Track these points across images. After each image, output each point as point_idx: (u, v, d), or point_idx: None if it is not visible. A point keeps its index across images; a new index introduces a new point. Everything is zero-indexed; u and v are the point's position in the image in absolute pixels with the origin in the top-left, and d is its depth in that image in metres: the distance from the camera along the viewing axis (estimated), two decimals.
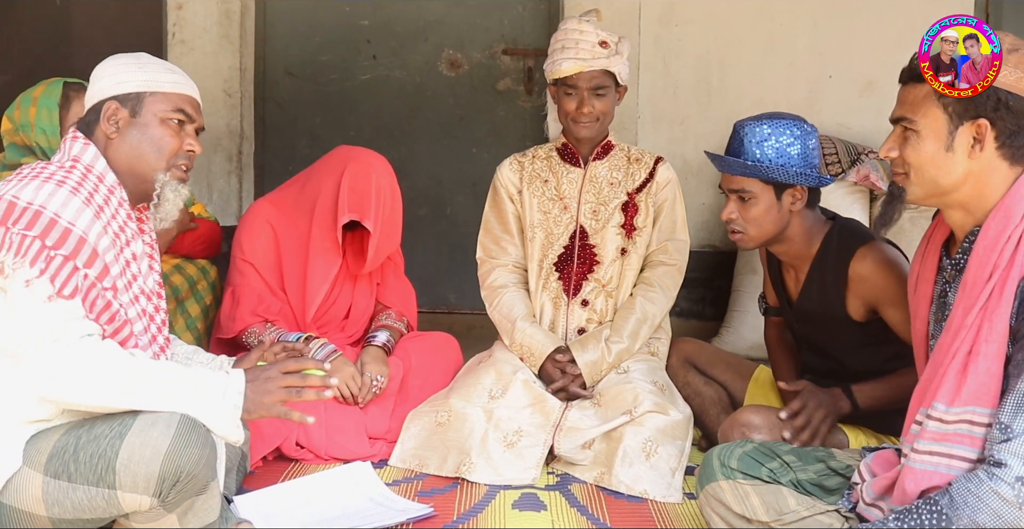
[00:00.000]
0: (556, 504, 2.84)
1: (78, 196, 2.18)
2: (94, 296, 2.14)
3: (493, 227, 3.50)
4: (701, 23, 4.68)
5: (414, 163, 4.92)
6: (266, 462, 3.07)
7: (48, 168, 2.23)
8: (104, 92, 2.35)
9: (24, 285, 2.07)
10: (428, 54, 4.96)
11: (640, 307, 3.33)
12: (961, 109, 1.97)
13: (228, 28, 4.74)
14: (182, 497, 2.12)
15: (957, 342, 1.93)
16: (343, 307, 3.41)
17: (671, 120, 4.71)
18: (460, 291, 4.94)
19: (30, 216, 2.10)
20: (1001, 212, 1.94)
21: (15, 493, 2.12)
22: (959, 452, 1.93)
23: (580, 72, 3.26)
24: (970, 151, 1.98)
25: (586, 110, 3.28)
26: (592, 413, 3.14)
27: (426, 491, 2.91)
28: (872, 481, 2.10)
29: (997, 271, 1.91)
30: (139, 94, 2.34)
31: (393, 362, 3.29)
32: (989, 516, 1.83)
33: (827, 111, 4.63)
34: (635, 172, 3.43)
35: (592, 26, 3.29)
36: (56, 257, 2.09)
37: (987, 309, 1.91)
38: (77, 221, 2.14)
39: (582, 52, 3.26)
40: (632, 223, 3.39)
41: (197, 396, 2.13)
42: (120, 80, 2.34)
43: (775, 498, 2.23)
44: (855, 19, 4.63)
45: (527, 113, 4.95)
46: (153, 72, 2.36)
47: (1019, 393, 1.84)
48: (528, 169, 3.46)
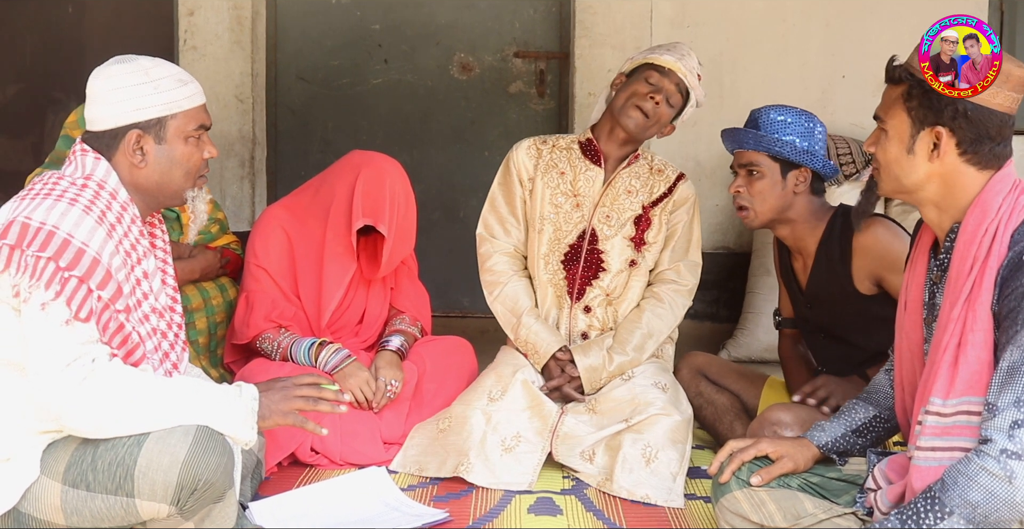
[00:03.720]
0: (572, 508, 2.83)
1: (91, 215, 2.16)
2: (107, 318, 2.14)
3: (499, 206, 3.44)
4: (713, 24, 4.67)
5: (426, 167, 4.92)
6: (281, 468, 3.07)
7: (60, 184, 2.21)
8: (122, 118, 2.28)
9: (40, 308, 2.06)
10: (440, 58, 4.96)
11: (647, 322, 3.30)
12: (922, 115, 2.02)
13: (240, 34, 4.74)
14: (200, 505, 2.12)
15: (946, 336, 1.97)
16: (357, 312, 3.41)
17: (683, 122, 4.68)
18: (473, 295, 4.91)
19: (43, 237, 2.09)
20: (978, 208, 1.99)
21: (34, 502, 2.12)
22: (961, 444, 1.95)
23: (678, 70, 3.23)
24: (930, 155, 2.03)
25: (659, 98, 3.22)
26: (587, 419, 3.13)
27: (441, 496, 2.91)
28: (887, 489, 2.09)
29: (977, 263, 1.96)
30: (161, 119, 2.30)
31: (407, 367, 3.29)
32: (980, 493, 1.84)
33: (840, 111, 4.61)
34: (655, 184, 3.39)
35: (696, 59, 3.32)
36: (71, 279, 2.08)
37: (970, 300, 1.95)
38: (90, 241, 2.13)
39: (686, 64, 3.26)
40: (643, 237, 3.35)
41: (212, 402, 2.14)
42: (139, 106, 2.27)
43: (791, 503, 2.22)
44: (868, 19, 4.62)
45: (539, 116, 4.95)
46: (169, 90, 2.30)
47: (1002, 371, 1.88)
48: (546, 157, 3.41)
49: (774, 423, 2.76)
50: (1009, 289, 1.90)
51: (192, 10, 4.75)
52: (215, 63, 4.74)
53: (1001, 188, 2.00)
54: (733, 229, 4.73)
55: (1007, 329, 1.90)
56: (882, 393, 2.36)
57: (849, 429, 2.33)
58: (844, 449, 2.32)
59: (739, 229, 4.72)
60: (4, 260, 2.07)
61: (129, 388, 2.09)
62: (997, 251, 1.94)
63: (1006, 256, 1.93)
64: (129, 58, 2.33)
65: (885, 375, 2.38)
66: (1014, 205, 1.98)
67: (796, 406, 2.85)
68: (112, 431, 2.09)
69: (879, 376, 2.41)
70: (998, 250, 1.94)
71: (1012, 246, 1.94)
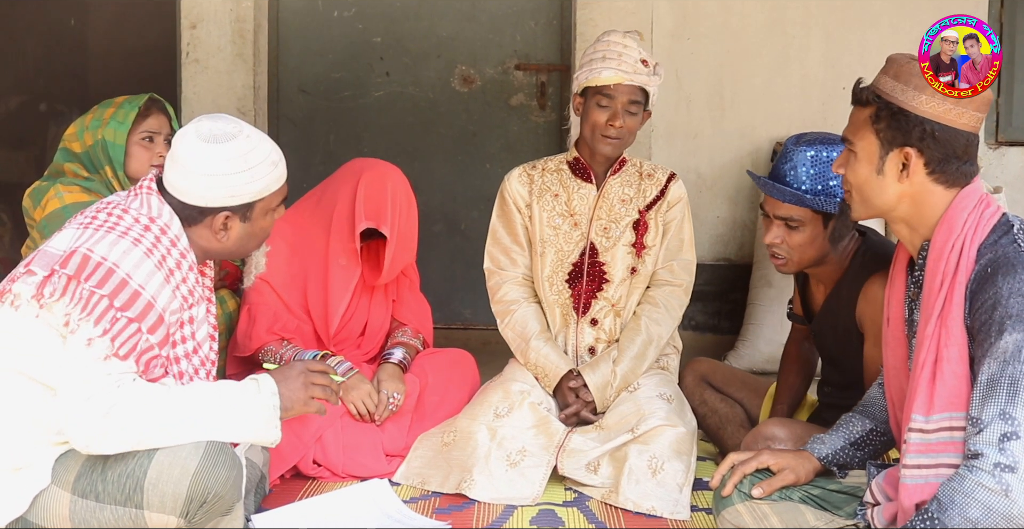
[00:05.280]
0: (574, 520, 2.83)
1: (151, 258, 2.19)
2: (148, 358, 2.16)
3: (502, 237, 3.46)
4: (714, 37, 4.68)
5: (428, 179, 4.93)
6: (283, 481, 3.07)
7: (124, 219, 2.23)
8: (214, 201, 2.28)
9: (85, 343, 2.09)
10: (441, 70, 4.97)
11: (645, 329, 3.31)
12: (890, 136, 2.05)
13: (242, 47, 4.76)
14: (208, 518, 2.14)
15: (923, 353, 2.00)
16: (359, 324, 3.41)
17: (684, 134, 4.71)
18: (475, 306, 4.94)
19: (102, 273, 2.12)
20: (945, 225, 2.02)
21: (42, 512, 2.14)
22: (946, 460, 1.96)
23: (620, 83, 3.19)
24: (899, 175, 2.05)
25: (617, 124, 3.21)
26: (595, 435, 3.13)
27: (443, 508, 2.91)
28: (884, 507, 2.10)
29: (947, 279, 1.98)
30: (251, 203, 2.32)
31: (409, 379, 3.29)
32: (979, 510, 1.85)
33: (841, 124, 4.46)
34: (647, 188, 3.39)
35: (635, 43, 3.26)
36: (121, 319, 2.11)
37: (943, 316, 1.98)
38: (147, 285, 2.16)
39: (624, 65, 3.20)
40: (642, 241, 3.36)
41: (234, 411, 2.16)
42: (234, 193, 2.28)
43: (793, 515, 2.22)
44: (868, 30, 4.63)
45: (540, 128, 4.96)
46: (263, 177, 2.30)
47: (982, 385, 1.90)
48: (538, 182, 3.42)
49: (768, 438, 2.75)
50: (979, 302, 1.93)
51: (194, 23, 4.76)
52: (217, 76, 4.75)
53: (966, 204, 2.02)
54: (734, 241, 4.73)
55: (981, 342, 1.92)
56: (878, 406, 2.37)
57: (848, 442, 2.33)
58: (844, 462, 2.33)
59: (740, 241, 4.72)
60: (61, 289, 2.11)
61: (152, 411, 2.10)
62: (965, 266, 1.97)
63: (973, 270, 1.96)
64: (225, 135, 2.28)
65: (879, 389, 2.38)
66: (979, 220, 2.01)
67: (791, 421, 2.84)
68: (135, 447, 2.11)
69: (873, 390, 2.41)
70: (965, 265, 1.97)
71: (979, 260, 1.96)
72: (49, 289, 2.11)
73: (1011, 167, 4.67)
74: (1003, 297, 1.89)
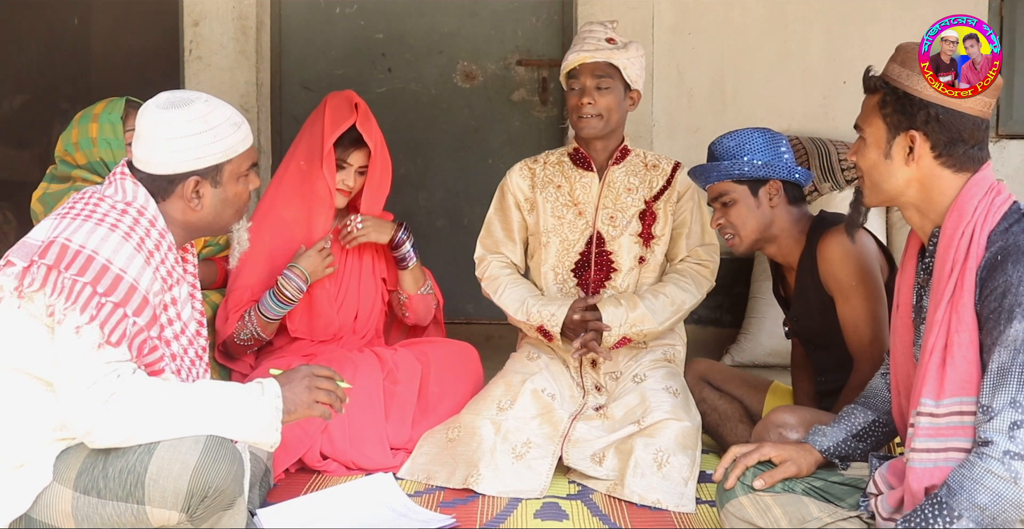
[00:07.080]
0: (578, 513, 2.85)
1: (130, 242, 2.19)
2: (140, 342, 2.16)
3: (495, 231, 3.49)
4: (715, 31, 4.69)
5: (431, 175, 4.94)
6: (289, 474, 3.08)
7: (100, 207, 2.23)
8: (181, 167, 2.28)
9: (74, 331, 2.09)
10: (443, 66, 4.98)
11: (672, 292, 3.30)
12: (896, 121, 2.09)
13: (244, 44, 4.77)
14: (210, 512, 2.14)
15: (933, 338, 2.02)
16: (350, 311, 3.45)
17: (686, 129, 4.71)
18: (478, 301, 4.90)
19: (82, 261, 2.12)
20: (955, 212, 2.05)
21: (45, 508, 2.15)
22: (955, 444, 1.99)
23: (583, 63, 3.24)
24: (906, 159, 2.08)
25: (585, 101, 3.22)
26: (599, 425, 3.14)
27: (447, 502, 2.92)
28: (888, 494, 2.11)
29: (957, 265, 2.01)
30: (218, 165, 2.31)
31: (410, 363, 3.33)
32: (988, 496, 1.88)
33: (842, 117, 4.62)
34: (653, 179, 3.40)
35: (603, 26, 3.31)
36: (107, 304, 2.11)
37: (953, 302, 2.00)
38: (128, 267, 2.16)
39: (587, 45, 3.26)
40: (650, 231, 3.37)
41: (235, 409, 2.17)
42: (199, 155, 2.28)
43: (796, 507, 2.23)
44: (869, 25, 4.63)
45: (542, 123, 4.97)
46: (226, 137, 2.31)
47: (992, 373, 1.92)
48: (540, 175, 3.44)
49: (779, 425, 2.76)
50: (988, 289, 1.95)
51: (197, 20, 4.78)
52: (220, 73, 4.76)
53: (977, 191, 2.05)
54: None
55: (991, 330, 1.94)
56: (879, 397, 2.38)
57: (849, 434, 2.34)
58: (846, 454, 2.34)
59: None
60: (41, 279, 2.11)
61: (153, 402, 2.11)
62: (975, 253, 1.99)
63: (983, 257, 1.98)
64: (182, 100, 2.30)
65: (882, 379, 2.40)
66: (989, 207, 2.03)
67: (801, 408, 2.85)
68: (138, 444, 2.12)
69: (876, 380, 2.42)
70: (976, 252, 1.99)
71: (989, 247, 1.98)
72: (28, 279, 2.11)
73: (1011, 160, 4.68)
74: (1013, 285, 1.92)
